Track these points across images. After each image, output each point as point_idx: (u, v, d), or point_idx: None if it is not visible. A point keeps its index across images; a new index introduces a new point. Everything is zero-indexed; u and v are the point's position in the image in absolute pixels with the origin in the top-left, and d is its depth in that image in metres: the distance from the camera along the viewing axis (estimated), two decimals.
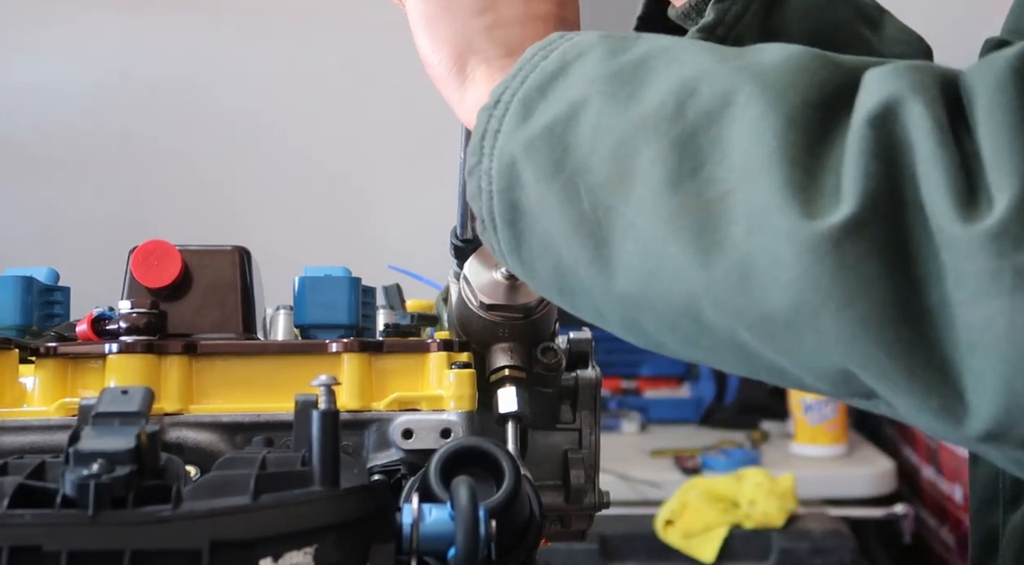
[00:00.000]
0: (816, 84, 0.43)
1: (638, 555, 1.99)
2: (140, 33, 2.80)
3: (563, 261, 0.49)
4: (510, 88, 0.51)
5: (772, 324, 0.42)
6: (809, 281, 0.40)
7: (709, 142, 0.43)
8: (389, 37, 2.73)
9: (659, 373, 2.55)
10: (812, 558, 1.92)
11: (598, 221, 0.46)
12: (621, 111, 0.46)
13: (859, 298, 0.39)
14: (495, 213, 0.51)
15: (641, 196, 0.44)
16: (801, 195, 0.40)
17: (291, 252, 1.36)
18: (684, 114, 0.44)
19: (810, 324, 0.40)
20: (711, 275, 0.42)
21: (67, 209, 2.76)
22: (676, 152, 0.44)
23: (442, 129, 2.88)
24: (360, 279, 0.72)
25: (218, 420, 0.65)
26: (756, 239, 0.41)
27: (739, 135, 0.43)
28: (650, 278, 0.45)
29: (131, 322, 0.65)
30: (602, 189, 0.46)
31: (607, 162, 0.46)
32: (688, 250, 0.43)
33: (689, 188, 0.43)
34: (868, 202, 0.39)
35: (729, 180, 0.42)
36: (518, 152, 0.49)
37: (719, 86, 0.44)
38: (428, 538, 0.49)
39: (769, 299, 0.41)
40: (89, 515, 0.41)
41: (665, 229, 0.44)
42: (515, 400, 0.67)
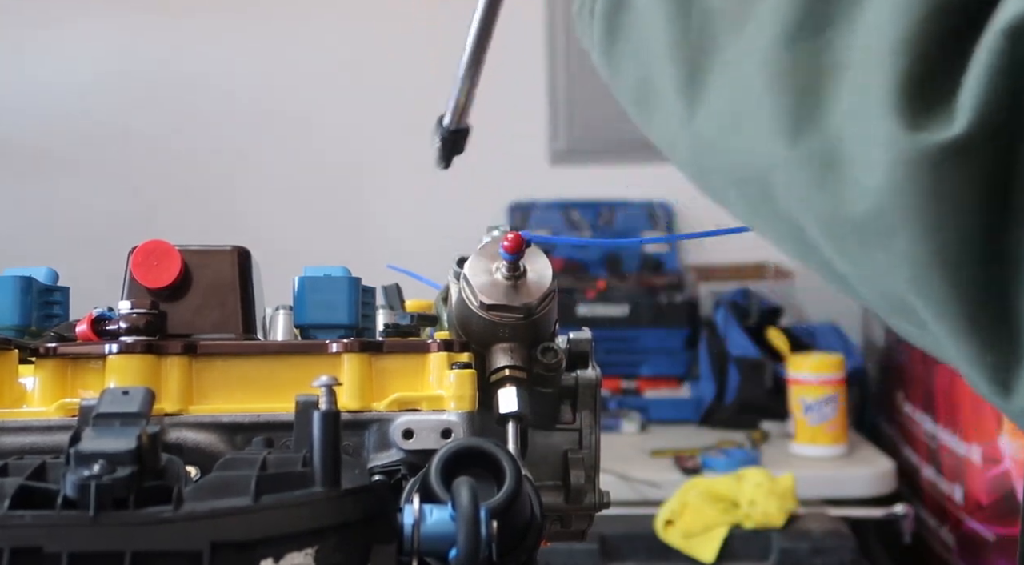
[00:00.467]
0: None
1: (638, 555, 1.98)
2: (140, 33, 2.80)
3: (651, 75, 0.45)
4: None
5: (842, 227, 0.39)
6: (895, 196, 0.36)
7: (843, 2, 0.39)
8: (390, 37, 2.73)
9: (659, 373, 2.55)
10: (812, 558, 1.92)
11: (701, 46, 0.43)
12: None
13: (943, 228, 0.35)
14: (595, 1, 0.47)
15: (753, 36, 0.41)
16: (915, 99, 0.36)
17: (291, 252, 1.36)
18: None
19: (883, 241, 0.37)
20: (794, 150, 0.39)
21: (67, 209, 2.76)
22: (803, 2, 0.40)
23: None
24: (360, 279, 0.72)
25: (218, 420, 0.65)
26: (853, 130, 0.37)
27: (878, 5, 0.38)
28: (732, 127, 0.42)
29: (131, 322, 0.65)
30: (716, 14, 0.42)
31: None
32: (780, 114, 0.39)
33: (806, 47, 0.39)
34: (984, 123, 0.35)
35: (849, 53, 0.38)
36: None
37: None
38: (429, 539, 0.49)
39: (847, 200, 0.38)
40: (90, 516, 0.41)
41: (765, 82, 0.40)
42: (515, 400, 0.67)
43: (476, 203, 2.60)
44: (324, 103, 2.79)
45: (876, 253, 0.38)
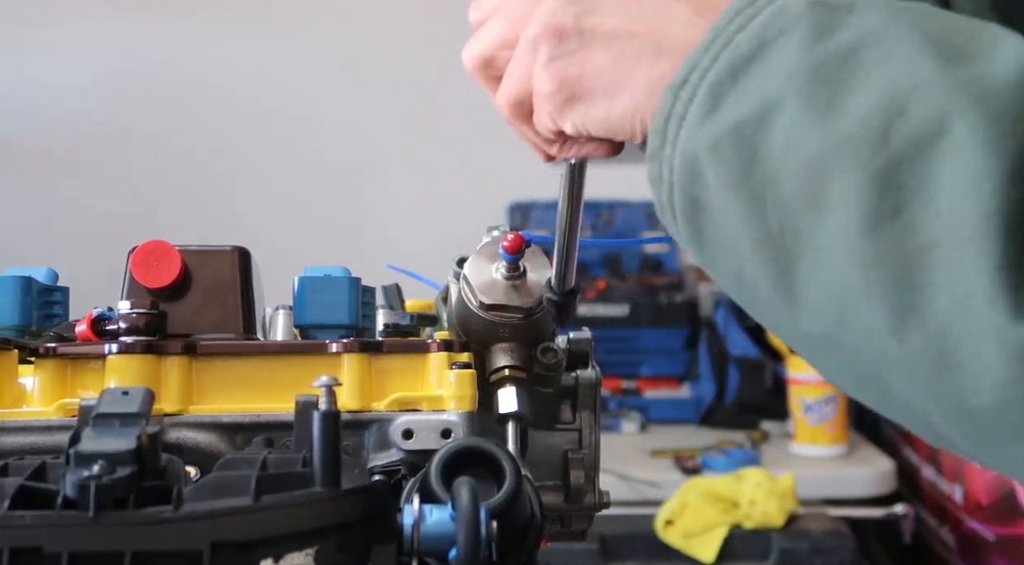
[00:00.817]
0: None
1: (638, 555, 1.98)
2: (140, 33, 2.80)
3: (745, 272, 0.45)
4: (700, 66, 0.45)
5: (971, 418, 0.38)
6: (1018, 389, 0.35)
7: (915, 178, 0.38)
8: (390, 37, 2.73)
9: (659, 373, 2.55)
10: (812, 558, 1.92)
11: (784, 244, 0.42)
12: (819, 122, 0.41)
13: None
14: (675, 205, 0.47)
15: (835, 228, 0.40)
16: (1014, 282, 0.35)
17: (291, 252, 1.36)
18: (889, 139, 0.39)
19: (1016, 433, 0.36)
20: (906, 347, 0.38)
21: (67, 209, 2.76)
22: (877, 185, 0.39)
23: (443, 130, 2.88)
24: (360, 279, 0.72)
25: (218, 420, 0.65)
26: (959, 321, 0.36)
27: (951, 177, 0.37)
28: (838, 325, 0.41)
29: (131, 322, 0.65)
30: (792, 209, 0.41)
31: (799, 180, 0.41)
32: (882, 309, 0.39)
33: (888, 232, 0.38)
34: None
35: (933, 231, 0.37)
36: (702, 150, 0.45)
37: (933, 106, 0.38)
38: (429, 539, 0.49)
39: (970, 393, 0.37)
40: (90, 516, 0.41)
41: (859, 276, 0.39)
42: (515, 400, 0.67)
43: (476, 203, 2.60)
44: (324, 103, 2.79)
45: (1012, 445, 0.37)
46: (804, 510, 2.01)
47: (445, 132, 2.73)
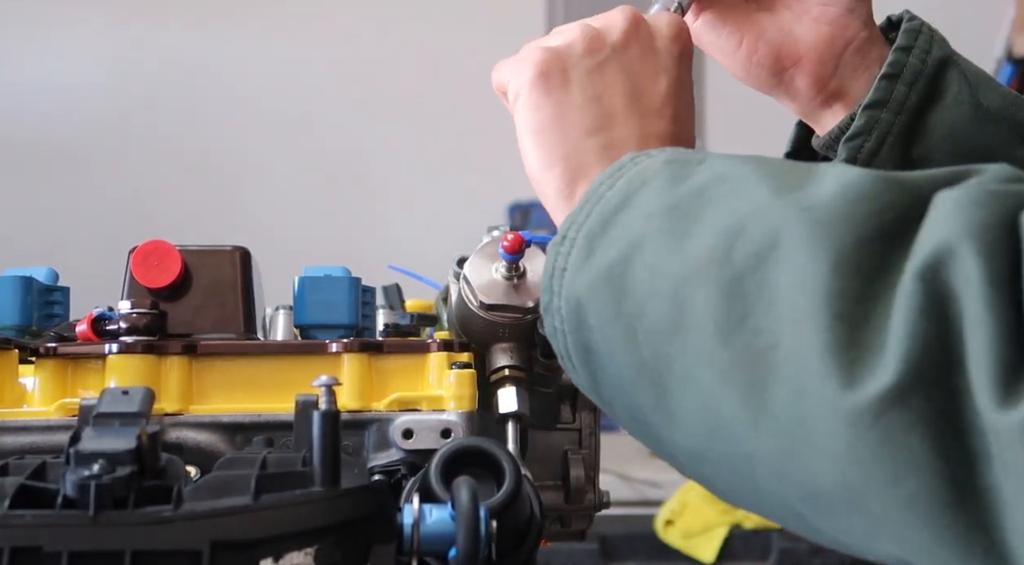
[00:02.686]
0: (874, 213, 0.39)
1: (638, 555, 1.99)
2: (141, 32, 2.80)
3: (634, 404, 0.48)
4: (576, 222, 0.50)
5: (822, 499, 0.39)
6: (853, 457, 0.37)
7: (756, 287, 0.41)
8: (395, 37, 2.74)
9: None
10: (812, 558, 1.92)
11: (657, 369, 0.45)
12: (675, 251, 0.45)
13: (905, 477, 0.35)
14: (571, 352, 0.50)
15: (696, 347, 0.43)
16: (844, 357, 0.37)
17: (291, 252, 1.36)
18: (732, 257, 0.42)
19: (858, 503, 0.38)
20: (761, 440, 0.40)
21: (67, 209, 2.76)
22: (726, 299, 0.42)
23: (443, 130, 2.88)
24: (360, 279, 0.72)
25: (218, 420, 0.65)
26: (800, 405, 0.38)
27: (785, 279, 0.40)
28: (709, 437, 0.43)
29: (131, 322, 0.65)
30: (659, 336, 0.44)
31: (662, 307, 0.44)
32: (740, 411, 0.41)
33: (738, 339, 0.41)
34: (912, 368, 0.35)
35: (774, 331, 0.40)
36: (582, 293, 0.48)
37: (768, 224, 0.42)
38: (429, 538, 0.49)
39: (817, 473, 0.38)
40: (90, 516, 0.41)
41: (719, 385, 0.41)
42: (515, 400, 0.67)
43: (476, 203, 2.60)
44: (324, 104, 2.79)
45: (857, 517, 0.38)
46: None
47: (446, 133, 2.73)
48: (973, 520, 0.35)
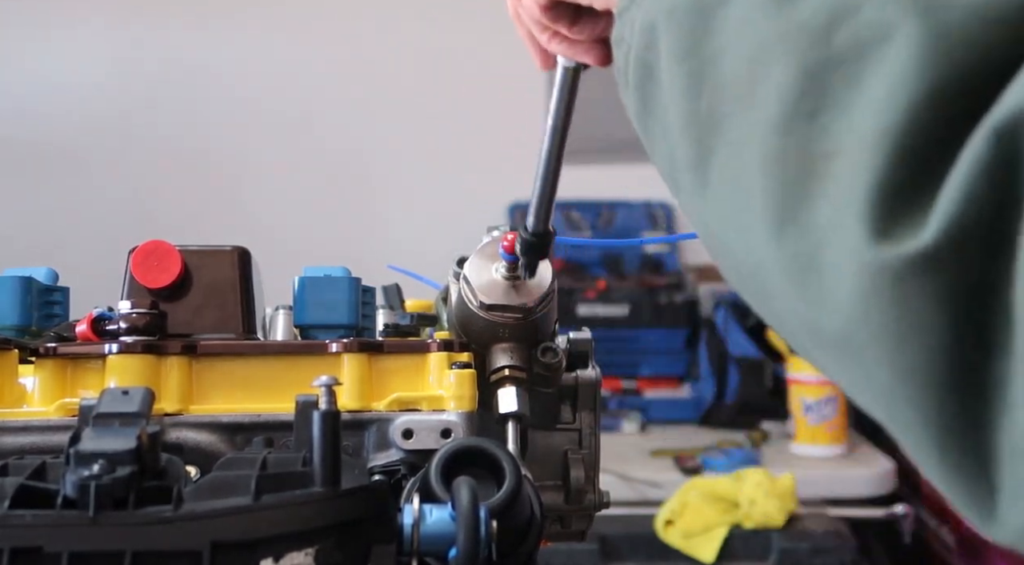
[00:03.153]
0: (1004, 42, 0.33)
1: (638, 555, 1.98)
2: (141, 32, 2.80)
3: (673, 153, 0.44)
4: None
5: (823, 337, 0.36)
6: (861, 309, 0.34)
7: (844, 81, 0.36)
8: (395, 37, 2.73)
9: (659, 373, 2.55)
10: (812, 558, 1.92)
11: (709, 128, 0.41)
12: (775, 10, 0.39)
13: (908, 347, 0.33)
14: (630, 67, 0.46)
15: (753, 122, 0.38)
16: (890, 201, 0.33)
17: (291, 252, 1.36)
18: (832, 36, 0.37)
19: (855, 356, 0.35)
20: (780, 250, 0.37)
21: (67, 209, 2.76)
22: (804, 83, 0.37)
23: (443, 130, 2.89)
24: (360, 279, 0.72)
25: (218, 420, 0.65)
26: (831, 231, 0.35)
27: (876, 85, 0.35)
28: (732, 217, 0.40)
29: (131, 322, 0.65)
30: (724, 93, 0.40)
31: (740, 66, 0.40)
32: (769, 207, 0.37)
33: (800, 132, 0.37)
34: (955, 234, 0.31)
35: (839, 140, 0.35)
36: (661, 16, 0.44)
37: (885, 12, 0.36)
38: (429, 538, 0.49)
39: (823, 311, 0.35)
40: (90, 516, 0.41)
41: (760, 171, 0.38)
42: (515, 400, 0.67)
43: (476, 203, 2.60)
44: (324, 104, 2.79)
45: (854, 366, 0.36)
46: (804, 510, 2.01)
47: (446, 133, 2.73)
48: (968, 410, 0.32)
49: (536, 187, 0.67)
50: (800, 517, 1.99)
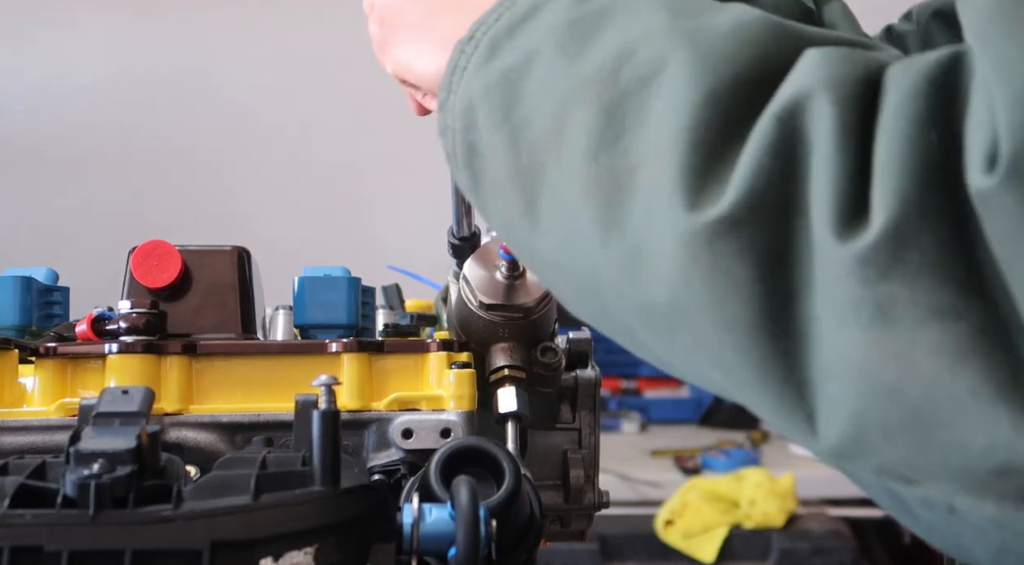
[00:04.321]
0: (757, 57, 0.41)
1: (638, 555, 1.99)
2: (139, 32, 2.80)
3: (507, 210, 0.49)
4: (484, 24, 0.51)
5: (652, 316, 0.41)
6: (683, 278, 0.39)
7: (634, 110, 0.42)
8: None
9: (659, 373, 2.55)
10: (812, 558, 1.92)
11: (531, 176, 0.46)
12: (567, 67, 0.46)
13: (726, 302, 0.38)
14: (457, 151, 0.51)
15: (568, 159, 0.44)
16: (693, 183, 0.39)
17: (291, 252, 1.36)
18: (618, 77, 0.43)
19: (683, 322, 0.40)
20: (608, 254, 0.42)
21: (67, 209, 2.76)
22: (603, 117, 0.43)
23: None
24: (360, 279, 0.72)
25: (218, 420, 0.65)
26: (648, 224, 0.40)
27: (661, 105, 0.41)
28: (564, 245, 0.45)
29: (131, 322, 0.65)
30: (539, 145, 0.46)
31: (546, 119, 0.46)
32: (595, 223, 0.42)
33: (606, 157, 0.42)
34: (752, 199, 0.37)
35: (641, 154, 0.41)
36: (476, 94, 0.49)
37: (657, 49, 0.43)
38: (428, 538, 0.49)
39: (651, 290, 0.40)
40: (90, 515, 0.41)
41: (580, 198, 0.43)
42: (515, 400, 0.67)
43: None
44: (324, 103, 2.79)
45: (681, 334, 0.40)
46: (804, 510, 2.01)
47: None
48: (782, 347, 0.37)
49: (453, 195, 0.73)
50: (800, 517, 1.99)
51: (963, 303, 0.34)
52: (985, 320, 0.34)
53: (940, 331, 0.34)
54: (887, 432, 0.36)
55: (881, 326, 0.35)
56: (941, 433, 0.34)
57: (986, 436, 0.34)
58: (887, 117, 0.36)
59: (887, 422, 0.35)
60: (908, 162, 0.35)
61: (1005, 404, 0.33)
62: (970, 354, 0.34)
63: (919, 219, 0.34)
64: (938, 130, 0.35)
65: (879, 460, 0.36)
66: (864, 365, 0.35)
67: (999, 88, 0.33)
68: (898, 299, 0.34)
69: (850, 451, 0.37)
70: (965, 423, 0.34)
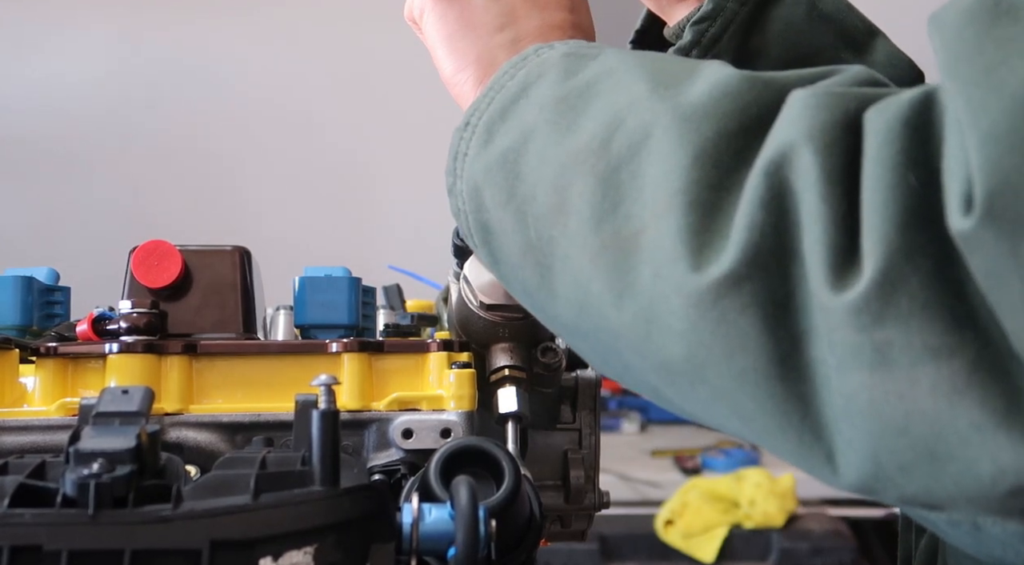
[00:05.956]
0: (737, 109, 0.42)
1: (638, 555, 1.99)
2: (140, 32, 2.80)
3: (525, 283, 0.51)
4: (479, 110, 0.54)
5: (671, 373, 0.43)
6: (696, 334, 0.40)
7: (629, 176, 0.44)
8: (392, 37, 2.73)
9: None
10: (812, 558, 1.92)
11: (542, 250, 0.48)
12: (561, 141, 0.48)
13: (738, 354, 0.39)
14: (472, 232, 0.53)
15: (574, 230, 0.46)
16: (694, 242, 0.40)
17: (291, 252, 1.36)
18: (610, 147, 0.45)
19: (700, 376, 0.41)
20: (623, 317, 0.43)
21: (67, 209, 2.76)
22: (601, 187, 0.45)
23: (443, 129, 2.85)
24: (360, 279, 0.72)
25: (218, 420, 0.65)
26: (658, 285, 0.41)
27: (653, 170, 0.43)
28: (581, 312, 0.46)
29: (131, 322, 0.65)
30: (544, 219, 0.48)
31: (548, 193, 0.47)
32: (607, 289, 0.44)
33: (609, 225, 0.44)
34: (750, 255, 0.39)
35: (642, 218, 0.43)
36: (480, 177, 0.52)
37: (643, 117, 0.45)
38: (428, 538, 0.49)
39: (667, 348, 0.42)
40: (89, 514, 0.41)
41: (590, 265, 0.45)
42: (515, 400, 0.67)
43: None
44: (325, 103, 2.79)
45: (699, 388, 0.42)
46: (804, 510, 2.01)
47: (446, 132, 2.73)
48: (794, 391, 0.38)
49: None
50: (800, 517, 1.99)
51: (956, 339, 0.35)
52: (979, 352, 0.35)
53: (936, 369, 0.35)
54: (903, 468, 0.37)
55: (881, 369, 0.36)
56: (951, 466, 0.36)
57: (993, 464, 0.35)
58: (868, 163, 0.37)
59: (901, 459, 0.37)
60: (890, 207, 0.36)
61: (1006, 432, 0.34)
62: (967, 389, 0.35)
63: (906, 262, 0.35)
64: (916, 172, 0.36)
65: (899, 492, 0.38)
66: (871, 407, 0.36)
67: (969, 129, 0.34)
68: (894, 342, 0.36)
69: (871, 486, 0.38)
70: (972, 454, 0.35)
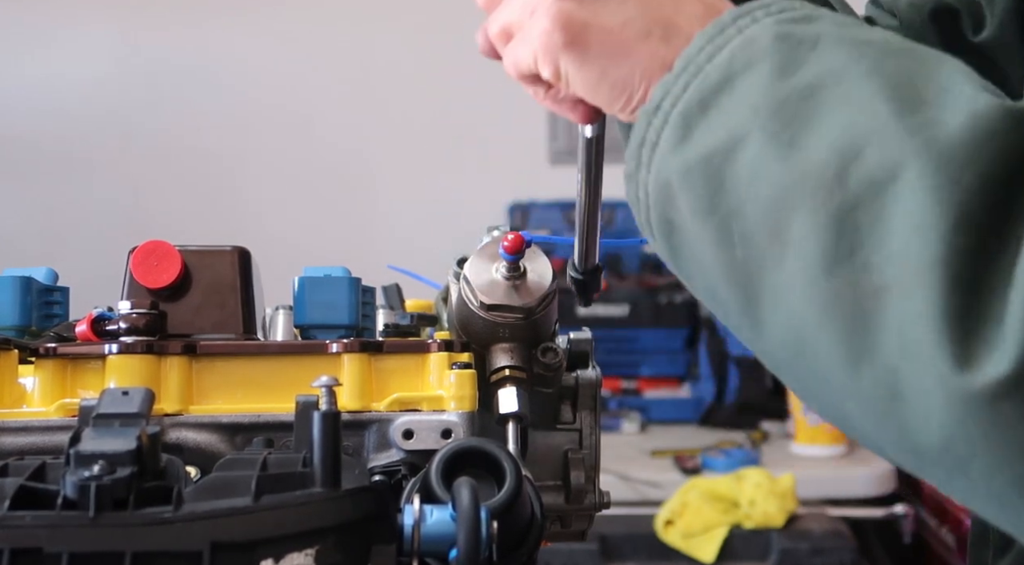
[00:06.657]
0: (1002, 154, 0.37)
1: (638, 555, 1.98)
2: (140, 32, 2.80)
3: (716, 294, 0.47)
4: (671, 93, 0.47)
5: (918, 453, 0.40)
6: (961, 432, 0.37)
7: (869, 220, 0.40)
8: (395, 36, 2.73)
9: (659, 373, 2.55)
10: (812, 558, 1.92)
11: (749, 275, 0.44)
12: (782, 158, 0.43)
13: (1014, 462, 0.36)
14: (652, 223, 0.49)
15: (794, 268, 0.42)
16: (959, 328, 0.36)
17: (291, 252, 1.36)
18: (846, 181, 0.40)
19: (960, 469, 0.38)
20: (859, 382, 0.40)
21: (67, 209, 2.76)
22: (834, 226, 0.40)
23: (443, 129, 2.88)
24: (360, 279, 0.72)
25: (218, 421, 0.65)
26: (908, 364, 0.38)
27: (901, 221, 0.38)
28: (796, 354, 0.43)
29: (131, 322, 0.65)
30: (755, 241, 0.44)
31: (762, 214, 0.43)
32: (837, 346, 0.40)
33: (844, 273, 0.40)
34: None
35: (885, 273, 0.39)
36: (674, 176, 0.47)
37: (888, 152, 0.40)
38: (429, 539, 0.49)
39: (917, 431, 0.39)
40: (90, 516, 0.41)
41: (816, 314, 0.41)
42: (515, 400, 0.67)
43: (476, 203, 2.60)
44: (325, 103, 2.79)
45: (956, 479, 0.39)
46: (804, 510, 2.01)
47: (446, 132, 2.73)
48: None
49: (577, 230, 0.71)
50: (800, 517, 1.99)
51: None
52: None
53: None
54: None
55: None
56: None
57: None
58: None
59: None
60: None
61: None
62: None
63: None
64: None
65: None
66: None
67: None
68: None
69: None
70: None
